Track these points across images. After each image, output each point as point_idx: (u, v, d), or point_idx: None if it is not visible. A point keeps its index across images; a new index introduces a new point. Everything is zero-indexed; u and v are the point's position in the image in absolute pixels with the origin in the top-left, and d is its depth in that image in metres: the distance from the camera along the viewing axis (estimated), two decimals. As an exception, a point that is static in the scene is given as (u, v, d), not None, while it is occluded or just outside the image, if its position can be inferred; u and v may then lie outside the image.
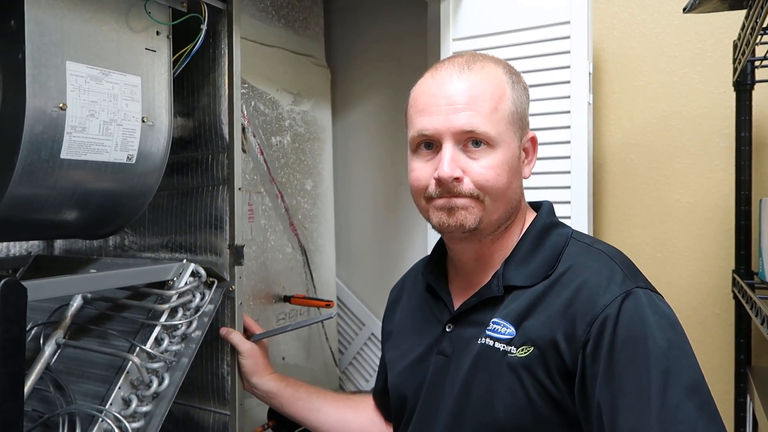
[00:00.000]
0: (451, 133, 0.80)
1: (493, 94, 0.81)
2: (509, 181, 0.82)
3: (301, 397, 1.07)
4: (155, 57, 1.01)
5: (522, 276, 0.83)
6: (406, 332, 0.98)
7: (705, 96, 1.30)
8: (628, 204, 1.37)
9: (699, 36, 1.30)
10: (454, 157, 0.80)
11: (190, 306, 1.04)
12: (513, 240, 0.87)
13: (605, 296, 0.73)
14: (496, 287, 0.84)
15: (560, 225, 0.89)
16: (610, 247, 0.83)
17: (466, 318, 0.86)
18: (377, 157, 1.72)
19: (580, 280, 0.77)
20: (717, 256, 1.28)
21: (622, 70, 1.38)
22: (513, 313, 0.80)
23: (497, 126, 0.80)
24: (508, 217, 0.85)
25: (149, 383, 0.95)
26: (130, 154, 0.98)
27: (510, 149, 0.82)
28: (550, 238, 0.85)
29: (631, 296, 0.73)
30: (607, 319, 0.72)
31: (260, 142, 1.38)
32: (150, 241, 1.21)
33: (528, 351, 0.77)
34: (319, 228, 1.60)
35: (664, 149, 1.34)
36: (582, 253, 0.82)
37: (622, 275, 0.76)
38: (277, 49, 1.48)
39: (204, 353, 1.12)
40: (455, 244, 0.89)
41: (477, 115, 0.79)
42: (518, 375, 0.76)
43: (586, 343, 0.72)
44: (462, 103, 0.80)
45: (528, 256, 0.84)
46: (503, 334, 0.80)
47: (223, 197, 1.12)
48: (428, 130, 0.81)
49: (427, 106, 0.82)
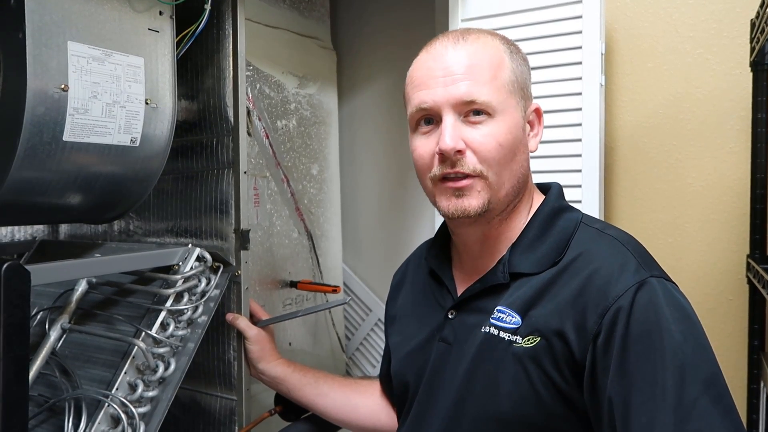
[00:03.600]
0: (451, 104, 0.77)
1: (491, 63, 0.79)
2: (513, 152, 0.78)
3: (309, 382, 1.06)
4: (158, 37, 0.99)
5: (529, 263, 0.79)
6: (409, 317, 0.96)
7: (720, 77, 1.27)
8: (639, 188, 1.35)
9: (714, 15, 1.27)
10: (456, 128, 0.77)
11: (195, 291, 1.03)
12: (520, 222, 0.84)
13: (618, 286, 0.70)
14: (502, 274, 0.80)
15: (570, 209, 0.85)
16: (622, 233, 0.80)
17: (470, 305, 0.83)
18: (384, 141, 1.70)
19: (590, 269, 0.74)
20: (730, 240, 1.26)
21: (634, 50, 1.35)
22: (519, 302, 0.77)
23: (498, 94, 0.77)
24: (516, 194, 0.82)
25: (155, 368, 0.95)
26: (133, 136, 0.96)
27: (513, 119, 0.79)
28: (558, 223, 0.82)
29: (645, 286, 0.70)
30: (620, 311, 0.68)
31: (265, 125, 1.36)
32: (155, 226, 1.20)
33: (534, 341, 0.74)
34: (326, 213, 1.58)
35: (677, 132, 1.31)
36: (593, 240, 0.78)
37: (635, 263, 0.72)
38: (283, 30, 1.45)
39: (210, 338, 1.11)
40: (462, 228, 0.85)
41: (476, 83, 0.76)
42: (524, 366, 0.74)
43: (597, 335, 0.69)
44: (460, 72, 0.77)
45: (535, 241, 0.81)
46: (508, 323, 0.77)
47: (228, 181, 1.11)
48: (426, 103, 0.78)
49: (424, 80, 0.79)
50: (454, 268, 0.90)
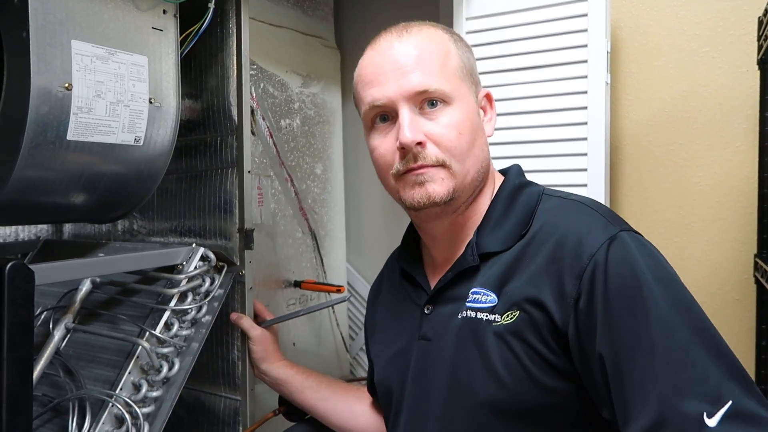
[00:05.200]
0: (405, 97, 0.76)
1: (438, 52, 0.79)
2: (472, 139, 0.79)
3: (310, 386, 1.05)
4: (162, 36, 0.99)
5: (496, 240, 0.78)
6: (387, 324, 0.94)
7: (726, 75, 1.26)
8: (645, 187, 1.34)
9: (721, 13, 1.26)
10: (413, 121, 0.76)
11: (199, 290, 1.03)
12: (484, 205, 0.84)
13: (590, 245, 0.69)
14: (471, 257, 0.79)
15: (531, 184, 0.85)
16: (585, 198, 0.79)
17: (444, 295, 0.82)
18: (388, 140, 1.69)
19: (559, 233, 0.73)
20: (737, 240, 1.25)
21: (640, 49, 1.34)
22: (492, 279, 0.76)
23: (449, 82, 0.78)
24: (481, 179, 0.82)
25: (159, 368, 0.94)
26: (137, 135, 0.96)
27: (468, 105, 0.79)
28: (521, 198, 0.81)
29: (616, 241, 0.68)
30: (596, 270, 0.67)
31: (269, 124, 1.35)
32: (159, 226, 1.20)
33: (514, 316, 0.72)
34: (329, 213, 1.58)
35: (684, 130, 1.30)
36: (556, 207, 0.78)
37: (602, 221, 0.72)
38: (286, 29, 1.45)
39: (214, 338, 1.11)
40: (429, 222, 0.84)
41: (427, 73, 0.76)
42: (508, 343, 0.71)
43: (578, 299, 0.68)
44: (409, 64, 0.77)
45: (500, 219, 0.80)
46: (484, 303, 0.75)
47: (232, 180, 1.10)
48: (379, 99, 0.78)
49: (374, 77, 0.79)
50: (426, 266, 0.90)
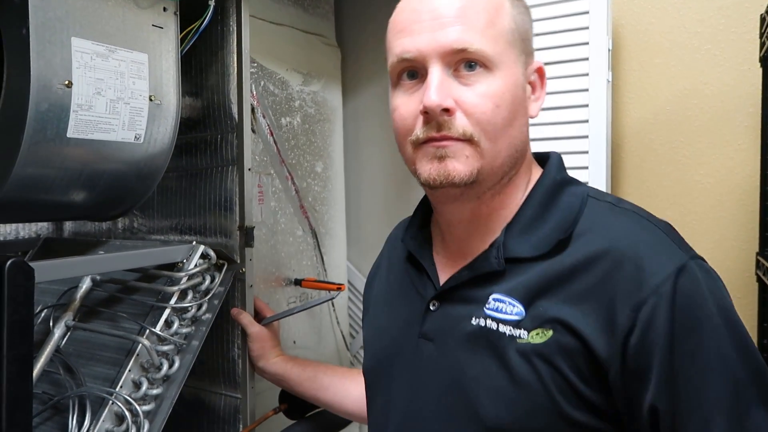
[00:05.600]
0: (439, 53, 0.64)
1: (488, 6, 0.66)
2: (511, 116, 0.66)
3: (308, 377, 1.05)
4: (162, 34, 0.99)
5: (528, 245, 0.66)
6: (381, 308, 0.84)
7: (728, 73, 1.26)
8: (647, 185, 1.34)
9: (723, 11, 1.26)
10: (444, 83, 0.64)
11: (200, 288, 1.03)
12: (517, 198, 0.71)
13: (654, 273, 0.59)
14: (496, 260, 0.67)
15: (574, 181, 0.73)
16: (639, 208, 0.68)
17: (456, 294, 0.70)
18: (388, 139, 1.68)
19: (614, 251, 0.61)
20: (739, 238, 1.25)
21: (642, 46, 1.33)
22: (520, 288, 0.65)
23: (495, 44, 0.65)
24: (513, 165, 0.69)
25: (159, 366, 0.94)
26: (137, 133, 0.96)
27: (512, 75, 0.66)
28: (562, 198, 0.69)
29: (685, 272, 0.58)
30: (659, 304, 0.57)
31: (270, 122, 1.35)
32: (159, 224, 1.20)
33: (545, 336, 0.61)
34: (330, 211, 1.57)
35: (685, 128, 1.30)
36: (608, 216, 0.66)
37: (669, 243, 0.62)
38: (287, 27, 1.44)
39: (214, 336, 1.11)
40: (446, 205, 0.72)
41: (470, 29, 0.64)
42: (533, 366, 0.61)
43: (631, 332, 0.58)
44: (450, 15, 0.64)
45: (536, 220, 0.68)
46: (509, 313, 0.64)
47: (232, 178, 1.10)
48: (410, 52, 0.66)
49: (407, 24, 0.67)
50: (435, 251, 0.77)
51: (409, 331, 0.74)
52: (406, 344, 0.74)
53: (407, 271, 0.80)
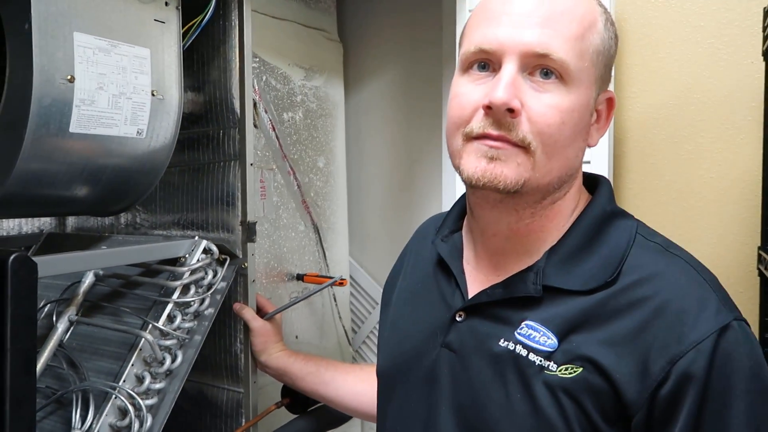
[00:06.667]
0: (519, 51, 0.60)
1: (583, 18, 0.62)
2: (573, 136, 0.63)
3: (310, 371, 1.05)
4: (164, 28, 0.99)
5: (571, 278, 0.64)
6: (404, 309, 0.81)
7: (732, 67, 1.25)
8: (649, 180, 1.33)
9: (726, 4, 1.25)
10: (515, 83, 0.60)
11: (202, 283, 1.03)
12: (560, 223, 0.68)
13: (696, 329, 0.57)
14: (534, 285, 0.65)
15: (623, 214, 0.70)
16: (688, 254, 0.66)
17: (486, 309, 0.68)
18: (390, 134, 1.69)
19: (659, 299, 0.60)
20: (741, 233, 1.24)
21: (644, 41, 1.33)
22: (558, 320, 0.63)
23: (579, 58, 0.61)
24: (560, 187, 0.66)
25: (162, 360, 0.95)
26: (140, 128, 0.96)
27: (586, 95, 0.63)
28: (610, 232, 0.66)
29: (727, 333, 0.57)
30: (696, 361, 0.56)
31: (272, 117, 1.35)
32: (161, 219, 1.20)
33: (575, 372, 0.60)
34: (332, 206, 1.58)
35: (688, 123, 1.29)
36: (657, 260, 0.64)
37: (716, 300, 0.60)
38: (289, 22, 1.44)
39: (217, 331, 1.11)
40: (485, 210, 0.69)
41: (556, 35, 0.60)
42: (558, 400, 0.60)
43: (663, 383, 0.57)
44: (540, 16, 0.61)
45: (580, 251, 0.65)
46: (542, 344, 0.62)
47: (234, 173, 1.10)
48: (490, 43, 0.61)
49: (494, 15, 0.63)
50: (465, 259, 0.75)
51: (432, 339, 0.72)
52: (428, 352, 0.72)
53: (435, 274, 0.77)
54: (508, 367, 0.64)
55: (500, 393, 0.64)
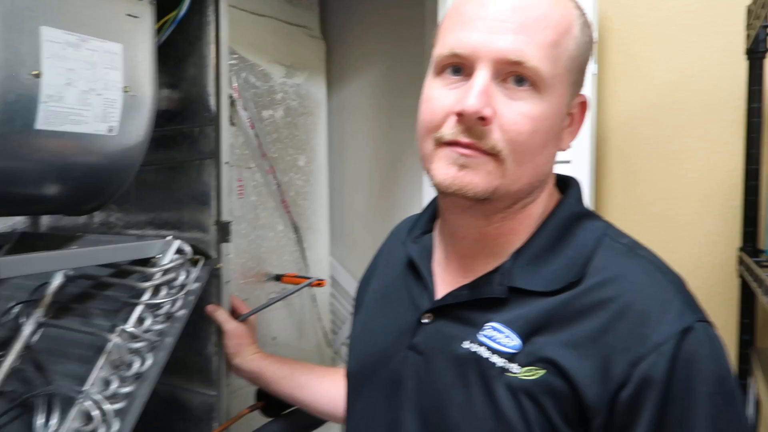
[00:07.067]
0: (491, 57, 0.59)
1: (558, 24, 0.61)
2: (543, 143, 0.62)
3: (284, 375, 1.02)
4: (137, 23, 0.96)
5: (536, 279, 0.64)
6: (375, 310, 0.81)
7: (715, 65, 1.24)
8: (632, 179, 1.33)
9: (710, 2, 1.25)
10: (487, 90, 0.59)
11: (174, 284, 1.00)
12: (529, 225, 0.68)
13: (658, 331, 0.57)
14: (499, 287, 0.65)
15: (591, 215, 0.70)
16: (653, 255, 0.66)
17: (452, 311, 0.68)
18: (373, 132, 1.67)
19: (622, 301, 0.59)
20: (722, 233, 1.24)
21: (628, 39, 1.32)
22: (521, 321, 0.62)
23: (553, 65, 0.60)
24: (530, 192, 0.66)
25: (131, 364, 0.92)
26: (111, 125, 0.94)
27: (559, 102, 0.62)
28: (577, 233, 0.66)
29: (690, 335, 0.57)
30: (658, 362, 0.56)
31: (251, 115, 1.33)
32: (136, 218, 1.17)
33: (537, 374, 0.60)
34: (313, 205, 1.56)
35: (672, 122, 1.29)
36: (622, 261, 0.63)
37: (679, 301, 0.60)
38: (269, 18, 1.42)
39: (190, 333, 1.08)
40: (454, 215, 0.69)
41: (530, 42, 0.59)
42: (519, 403, 0.60)
43: (623, 386, 0.57)
44: (515, 22, 0.59)
45: (547, 252, 0.65)
46: (504, 345, 0.62)
47: (209, 172, 1.08)
48: (463, 48, 0.60)
49: (468, 18, 0.61)
50: (435, 261, 0.75)
51: (399, 340, 0.71)
52: (395, 353, 0.71)
53: (405, 275, 0.77)
54: (470, 369, 0.64)
55: (462, 396, 0.63)
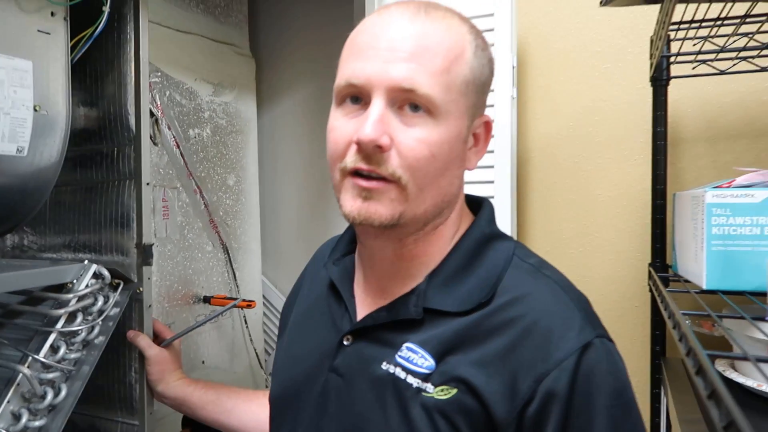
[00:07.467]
0: (385, 86, 0.61)
1: (448, 51, 0.63)
2: (444, 167, 0.64)
3: (210, 400, 1.00)
4: (50, 40, 0.93)
5: (450, 299, 0.66)
6: (297, 334, 0.81)
7: (625, 91, 1.32)
8: (552, 198, 1.38)
9: (620, 31, 1.32)
10: (383, 118, 0.61)
11: (92, 310, 0.97)
12: (442, 247, 0.70)
13: (560, 348, 0.60)
14: (415, 308, 0.66)
15: (501, 236, 0.72)
16: (559, 274, 0.69)
17: (372, 333, 0.69)
18: (307, 151, 1.67)
19: (528, 320, 0.62)
20: (636, 249, 1.31)
21: (547, 64, 1.38)
22: (435, 342, 0.64)
23: (445, 92, 0.62)
24: (438, 214, 0.67)
25: (43, 395, 0.88)
26: (20, 145, 0.90)
27: (456, 126, 0.64)
28: (488, 254, 0.69)
29: (589, 350, 0.60)
30: (560, 378, 0.59)
31: (176, 134, 1.30)
32: (51, 241, 1.12)
33: (449, 393, 0.61)
34: (243, 225, 1.53)
35: (587, 144, 1.35)
36: (528, 281, 0.66)
37: (580, 319, 0.62)
38: (196, 36, 1.40)
39: (110, 360, 1.04)
40: (368, 239, 0.71)
41: (421, 70, 0.61)
42: (434, 422, 0.61)
43: (529, 402, 0.59)
44: (406, 51, 0.61)
45: (459, 273, 0.68)
46: (419, 366, 0.64)
47: (130, 193, 1.05)
48: (358, 78, 0.62)
49: (363, 49, 0.63)
50: (356, 283, 0.76)
51: (321, 363, 0.72)
52: (317, 376, 0.71)
53: (328, 297, 0.77)
54: (387, 390, 0.64)
55: (380, 417, 0.64)
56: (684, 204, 0.97)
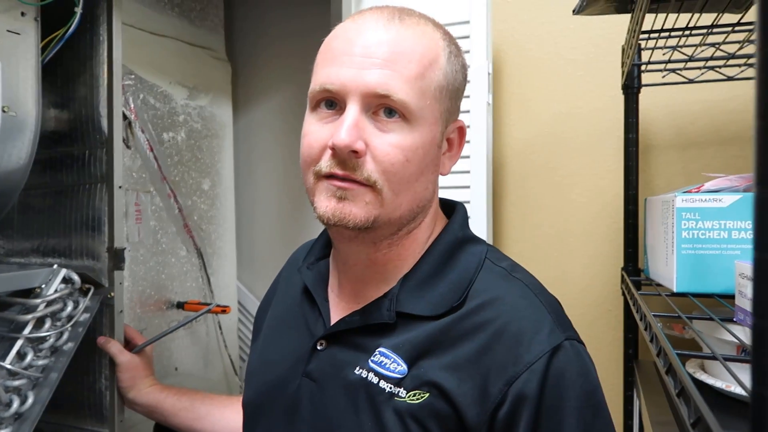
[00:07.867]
0: (360, 92, 0.62)
1: (422, 57, 0.64)
2: (419, 171, 0.65)
3: (184, 407, 0.99)
4: (19, 40, 0.91)
5: (422, 304, 0.66)
6: (272, 338, 0.80)
7: (598, 98, 1.34)
8: (526, 203, 1.40)
9: (593, 40, 1.34)
10: (358, 124, 0.62)
11: (60, 316, 0.95)
12: (415, 251, 0.70)
13: (530, 351, 0.60)
14: (388, 312, 0.66)
15: (473, 240, 0.73)
16: (530, 277, 0.70)
17: (345, 337, 0.69)
18: (282, 155, 1.66)
19: (499, 323, 0.62)
20: (608, 254, 1.33)
21: (522, 71, 1.40)
22: (407, 346, 0.64)
23: (420, 97, 0.63)
24: (413, 218, 0.68)
25: (9, 403, 0.86)
26: (-13, 147, 0.88)
27: (430, 131, 0.65)
28: (460, 257, 0.69)
29: (559, 352, 0.61)
30: (530, 380, 0.59)
31: (149, 137, 1.28)
32: (20, 245, 1.10)
33: (422, 397, 0.62)
34: (218, 230, 1.52)
35: (562, 150, 1.37)
36: (500, 284, 0.67)
37: (550, 321, 0.63)
38: (170, 39, 1.39)
39: (80, 367, 1.02)
40: (342, 243, 0.71)
41: (396, 76, 0.62)
42: (405, 425, 0.61)
43: (500, 405, 0.59)
44: (381, 57, 0.62)
45: (432, 277, 0.68)
46: (392, 371, 0.64)
47: (101, 196, 1.03)
48: (333, 84, 0.62)
49: (337, 54, 0.64)
50: (330, 287, 0.76)
51: (295, 368, 0.71)
52: (290, 381, 0.71)
53: (302, 302, 0.77)
54: (360, 395, 0.65)
55: (353, 422, 0.64)
56: (655, 209, 0.98)
